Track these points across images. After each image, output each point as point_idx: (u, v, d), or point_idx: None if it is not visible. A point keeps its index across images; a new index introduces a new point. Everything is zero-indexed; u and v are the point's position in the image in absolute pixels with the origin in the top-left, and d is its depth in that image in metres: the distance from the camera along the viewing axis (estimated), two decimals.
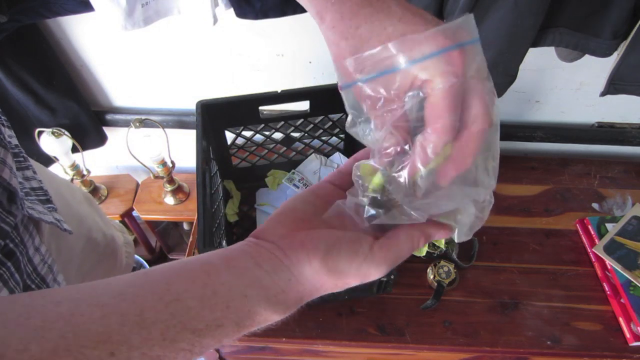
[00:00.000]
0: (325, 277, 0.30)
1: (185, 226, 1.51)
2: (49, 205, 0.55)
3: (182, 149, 1.15)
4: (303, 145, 0.99)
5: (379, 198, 0.32)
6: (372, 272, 0.31)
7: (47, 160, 1.06)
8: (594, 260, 0.90)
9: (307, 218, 0.33)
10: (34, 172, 0.56)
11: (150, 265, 1.47)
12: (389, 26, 0.29)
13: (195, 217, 0.87)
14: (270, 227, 0.32)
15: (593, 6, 0.64)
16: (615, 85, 0.70)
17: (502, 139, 1.19)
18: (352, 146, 1.00)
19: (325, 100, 0.86)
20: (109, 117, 1.10)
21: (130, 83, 1.06)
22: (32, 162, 0.57)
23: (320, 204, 0.34)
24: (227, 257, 0.30)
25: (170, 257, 1.54)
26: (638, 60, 0.66)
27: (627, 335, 0.80)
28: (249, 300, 0.28)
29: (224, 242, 0.86)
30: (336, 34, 0.30)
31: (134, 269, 0.97)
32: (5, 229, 0.42)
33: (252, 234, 0.33)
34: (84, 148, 1.08)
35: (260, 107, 0.85)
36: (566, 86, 0.99)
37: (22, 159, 0.54)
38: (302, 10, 0.73)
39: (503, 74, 0.69)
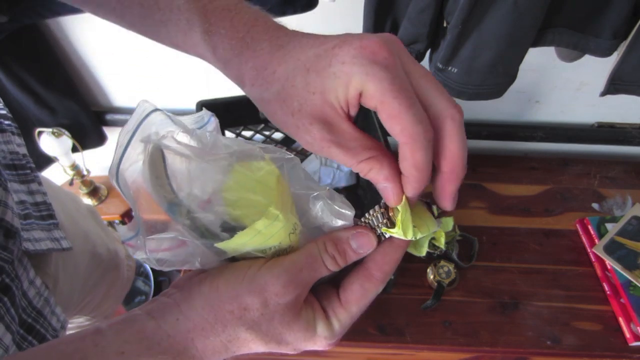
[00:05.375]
0: (218, 301, 0.27)
1: None
2: (51, 221, 0.55)
3: None
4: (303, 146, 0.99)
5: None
6: (269, 284, 0.27)
7: (47, 160, 1.06)
8: (594, 260, 0.90)
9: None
10: (40, 184, 0.55)
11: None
12: (301, 55, 0.26)
13: None
14: (184, 275, 0.31)
15: (593, 6, 0.64)
16: (615, 85, 0.70)
17: (502, 139, 1.19)
18: None
19: None
20: (109, 117, 1.10)
21: (130, 83, 1.06)
22: (38, 173, 0.56)
23: None
24: (122, 315, 0.28)
25: None
26: (638, 60, 0.66)
27: (627, 335, 0.80)
28: (127, 357, 0.25)
29: None
30: (256, 90, 0.28)
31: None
32: (1, 265, 0.42)
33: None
34: (84, 148, 1.08)
35: None
36: (566, 86, 0.99)
37: (29, 170, 0.54)
38: (302, 10, 0.73)
39: (503, 74, 0.69)
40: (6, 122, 0.52)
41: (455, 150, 0.26)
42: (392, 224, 0.28)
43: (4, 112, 0.52)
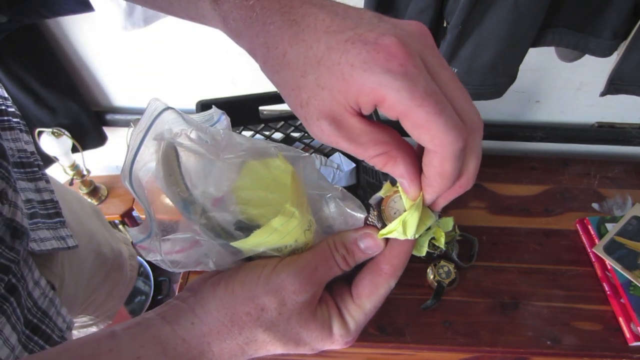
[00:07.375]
0: (233, 304, 0.27)
1: None
2: (58, 219, 0.55)
3: None
4: (303, 145, 0.99)
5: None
6: (286, 283, 0.26)
7: (47, 160, 1.06)
8: (594, 260, 0.90)
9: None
10: (47, 182, 0.55)
11: (150, 266, 1.46)
12: (314, 43, 0.23)
13: None
14: (197, 278, 0.31)
15: (593, 6, 0.64)
16: (615, 85, 0.70)
17: (502, 139, 1.19)
18: None
19: None
20: (109, 117, 1.10)
21: (130, 83, 1.06)
22: (45, 171, 0.57)
23: None
24: (136, 319, 0.28)
25: None
26: (638, 60, 0.66)
27: (627, 335, 0.80)
28: None
29: None
30: (267, 70, 0.26)
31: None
32: (8, 265, 0.42)
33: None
34: (84, 148, 1.08)
35: (260, 107, 0.85)
36: (566, 86, 0.99)
37: (36, 168, 0.54)
38: None
39: (503, 74, 0.69)
40: (14, 119, 0.52)
41: (474, 166, 0.25)
42: (384, 226, 0.28)
43: (12, 109, 0.52)
